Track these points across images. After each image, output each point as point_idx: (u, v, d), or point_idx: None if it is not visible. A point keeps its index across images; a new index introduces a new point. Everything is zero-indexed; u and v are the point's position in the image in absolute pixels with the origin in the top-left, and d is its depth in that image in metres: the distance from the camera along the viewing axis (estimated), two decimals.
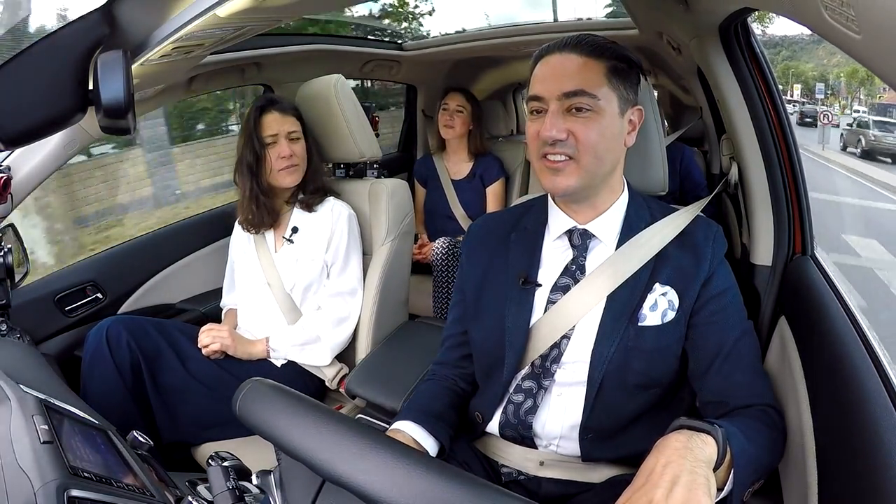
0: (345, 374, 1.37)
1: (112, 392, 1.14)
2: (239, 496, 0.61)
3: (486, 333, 0.85)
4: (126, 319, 1.23)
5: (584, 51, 0.76)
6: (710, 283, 0.78)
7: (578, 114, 0.75)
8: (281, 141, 1.33)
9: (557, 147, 0.75)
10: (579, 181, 0.77)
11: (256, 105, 1.35)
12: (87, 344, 1.18)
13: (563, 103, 0.75)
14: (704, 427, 0.60)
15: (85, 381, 1.16)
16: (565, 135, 0.74)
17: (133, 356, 1.17)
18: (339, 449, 0.44)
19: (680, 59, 1.56)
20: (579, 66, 0.75)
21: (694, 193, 2.06)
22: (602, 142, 0.75)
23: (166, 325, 1.30)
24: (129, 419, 1.12)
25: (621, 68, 0.77)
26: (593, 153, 0.75)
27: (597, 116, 0.75)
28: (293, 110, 1.37)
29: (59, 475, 0.57)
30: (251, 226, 1.37)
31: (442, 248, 1.96)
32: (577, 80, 0.74)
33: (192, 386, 1.23)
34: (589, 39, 0.77)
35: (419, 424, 0.83)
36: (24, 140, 0.65)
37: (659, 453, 0.57)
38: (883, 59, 0.41)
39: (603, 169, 0.78)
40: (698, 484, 0.53)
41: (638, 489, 0.54)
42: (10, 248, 1.17)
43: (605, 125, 0.75)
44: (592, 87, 0.74)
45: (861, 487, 0.56)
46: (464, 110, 2.20)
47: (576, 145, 0.75)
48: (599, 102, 0.75)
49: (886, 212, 6.01)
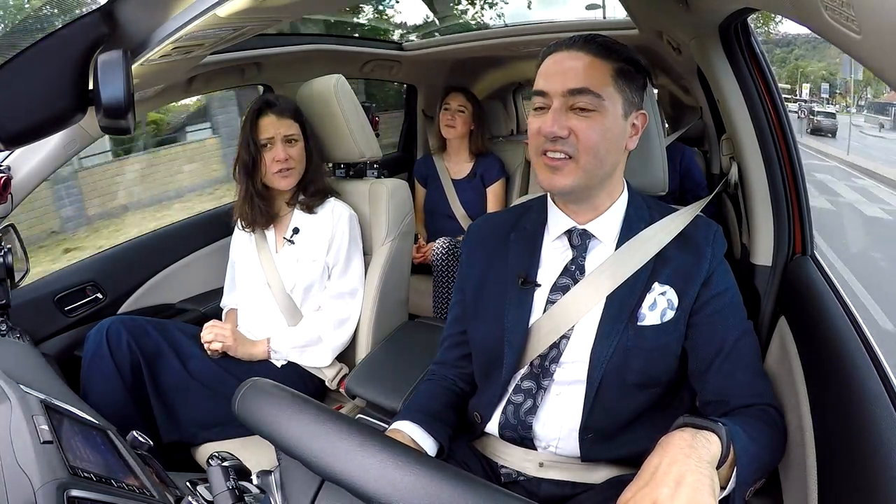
0: (345, 374, 1.37)
1: (112, 392, 1.14)
2: (239, 496, 0.61)
3: (485, 333, 0.85)
4: (126, 319, 1.23)
5: (592, 50, 0.76)
6: (709, 283, 0.78)
7: (581, 113, 0.74)
8: (277, 144, 1.32)
9: (558, 144, 0.75)
10: (576, 181, 0.76)
11: (253, 107, 1.34)
12: (87, 344, 1.18)
13: (566, 100, 0.75)
14: (708, 425, 0.60)
15: (85, 382, 1.16)
16: (566, 132, 0.74)
17: (133, 356, 1.17)
18: (336, 447, 0.44)
19: (680, 59, 1.56)
20: (586, 65, 0.75)
21: (694, 193, 2.06)
22: (603, 143, 0.75)
23: (167, 325, 1.30)
24: (129, 419, 1.12)
25: (628, 71, 0.77)
26: (593, 153, 0.75)
27: (599, 117, 0.75)
28: (291, 112, 1.36)
29: (59, 475, 0.57)
30: (245, 223, 1.38)
31: (442, 248, 1.96)
32: (583, 78, 0.74)
33: (192, 386, 1.23)
34: (599, 39, 0.77)
35: (418, 424, 0.83)
36: (24, 140, 0.65)
37: (663, 452, 0.56)
38: (883, 59, 0.41)
39: (602, 170, 0.78)
40: (703, 484, 0.53)
41: (641, 487, 0.54)
42: (10, 248, 1.17)
43: (608, 126, 0.75)
44: (597, 86, 0.74)
45: (861, 487, 0.56)
46: (465, 110, 2.20)
47: (576, 144, 0.74)
48: (604, 102, 0.75)
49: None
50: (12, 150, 1.22)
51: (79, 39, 0.63)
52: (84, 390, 1.15)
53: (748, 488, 0.64)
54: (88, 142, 1.31)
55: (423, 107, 2.62)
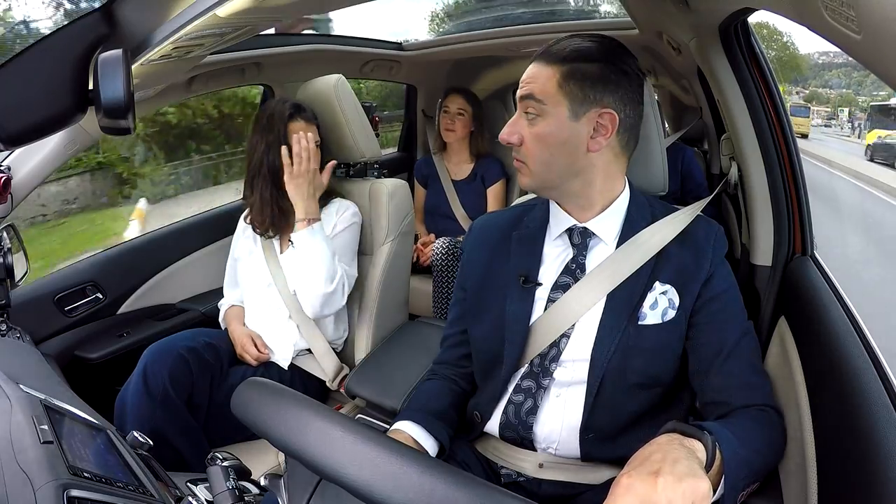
0: (345, 374, 1.37)
1: (141, 420, 1.11)
2: (239, 496, 0.61)
3: (486, 331, 0.85)
4: (165, 352, 1.17)
5: (546, 57, 0.78)
6: (710, 283, 0.78)
7: (529, 119, 0.78)
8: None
9: (514, 151, 0.81)
10: (532, 182, 0.81)
11: (285, 113, 1.31)
12: (131, 377, 1.14)
13: (521, 106, 0.79)
14: (694, 433, 0.60)
15: (120, 407, 1.13)
16: (517, 139, 0.79)
17: (166, 391, 1.13)
18: (332, 445, 0.44)
19: (680, 59, 1.56)
20: (534, 74, 0.78)
21: (695, 194, 2.06)
22: (546, 149, 0.77)
23: (203, 355, 1.24)
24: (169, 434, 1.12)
25: (582, 70, 0.75)
26: (538, 160, 0.79)
27: (542, 122, 0.77)
28: (315, 118, 1.37)
29: (59, 475, 0.57)
30: (261, 229, 1.37)
31: (442, 248, 1.96)
32: (530, 85, 0.78)
33: (211, 407, 1.23)
34: (562, 43, 0.78)
35: (419, 424, 0.83)
36: (24, 140, 0.65)
37: (653, 442, 0.58)
38: (883, 59, 0.41)
39: (554, 174, 0.79)
40: (697, 467, 0.53)
41: (636, 467, 0.53)
42: (10, 248, 1.17)
43: (549, 131, 0.76)
44: (539, 92, 0.76)
45: (861, 487, 0.56)
46: (464, 113, 2.20)
47: (525, 153, 0.79)
48: (545, 107, 0.76)
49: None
50: (12, 150, 1.22)
51: (79, 39, 0.64)
52: (120, 417, 1.12)
53: (739, 493, 0.64)
54: (88, 142, 1.31)
55: (423, 107, 2.62)
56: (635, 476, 0.51)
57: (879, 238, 5.27)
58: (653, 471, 0.51)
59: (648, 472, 0.51)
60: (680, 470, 0.51)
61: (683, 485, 0.50)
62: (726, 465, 0.61)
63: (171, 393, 1.12)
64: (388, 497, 0.41)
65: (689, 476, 0.51)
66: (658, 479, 0.50)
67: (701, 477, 0.51)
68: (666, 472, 0.51)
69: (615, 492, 0.51)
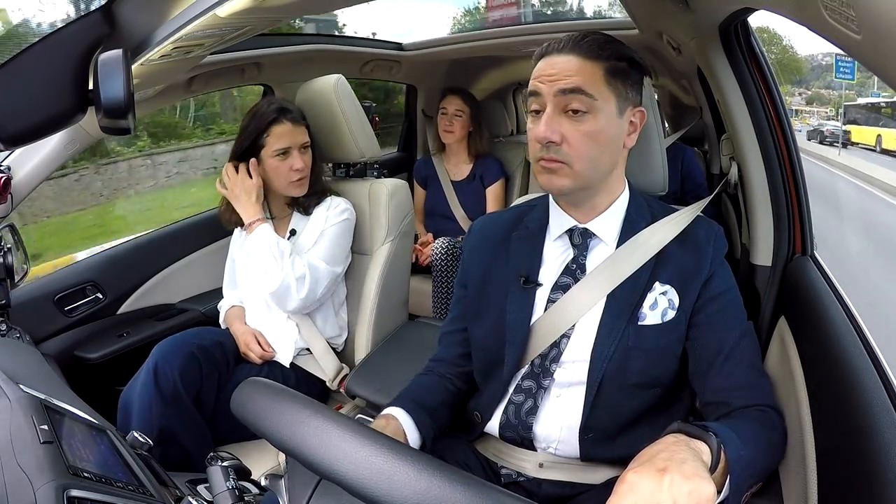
0: (345, 374, 1.37)
1: (148, 418, 1.10)
2: (239, 496, 0.61)
3: (486, 332, 0.85)
4: (175, 349, 1.16)
5: (582, 50, 0.76)
6: (710, 283, 0.78)
7: (574, 116, 0.74)
8: (293, 153, 1.30)
9: (552, 152, 0.75)
10: (573, 183, 0.77)
11: (267, 117, 1.29)
12: (138, 374, 1.14)
13: (559, 102, 0.75)
14: (700, 434, 0.60)
15: (124, 405, 1.12)
16: (559, 137, 0.74)
17: (176, 388, 1.13)
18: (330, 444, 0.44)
19: (680, 59, 1.56)
20: (577, 66, 0.75)
21: (695, 194, 2.06)
22: (596, 146, 0.75)
23: (212, 353, 1.24)
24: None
25: (621, 68, 0.77)
26: (587, 159, 0.75)
27: (592, 118, 0.74)
28: (304, 119, 1.35)
29: (59, 475, 0.57)
30: (228, 222, 1.38)
31: (442, 249, 1.96)
32: (575, 79, 0.74)
33: (217, 405, 1.22)
34: (589, 39, 0.77)
35: (409, 415, 0.82)
36: (24, 140, 0.65)
37: (659, 442, 0.57)
38: (883, 59, 0.41)
39: (598, 173, 0.78)
40: (702, 466, 0.53)
41: (643, 463, 0.53)
42: (10, 248, 1.17)
43: (601, 127, 0.75)
44: (589, 86, 0.74)
45: (861, 487, 0.56)
46: (462, 114, 2.19)
47: (569, 152, 0.75)
48: (596, 103, 0.74)
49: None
50: (12, 150, 1.22)
51: (79, 39, 0.64)
52: (124, 415, 1.12)
53: (743, 494, 0.64)
54: (88, 142, 1.31)
55: (422, 107, 2.62)
56: (641, 472, 0.51)
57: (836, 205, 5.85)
58: (659, 468, 0.51)
59: (655, 470, 0.51)
60: (686, 470, 0.51)
61: (689, 485, 0.50)
62: (731, 467, 0.60)
63: (181, 390, 1.12)
64: (386, 495, 0.41)
65: (695, 477, 0.50)
66: (664, 476, 0.50)
67: (706, 479, 0.51)
68: (672, 470, 0.51)
69: (620, 488, 0.51)
